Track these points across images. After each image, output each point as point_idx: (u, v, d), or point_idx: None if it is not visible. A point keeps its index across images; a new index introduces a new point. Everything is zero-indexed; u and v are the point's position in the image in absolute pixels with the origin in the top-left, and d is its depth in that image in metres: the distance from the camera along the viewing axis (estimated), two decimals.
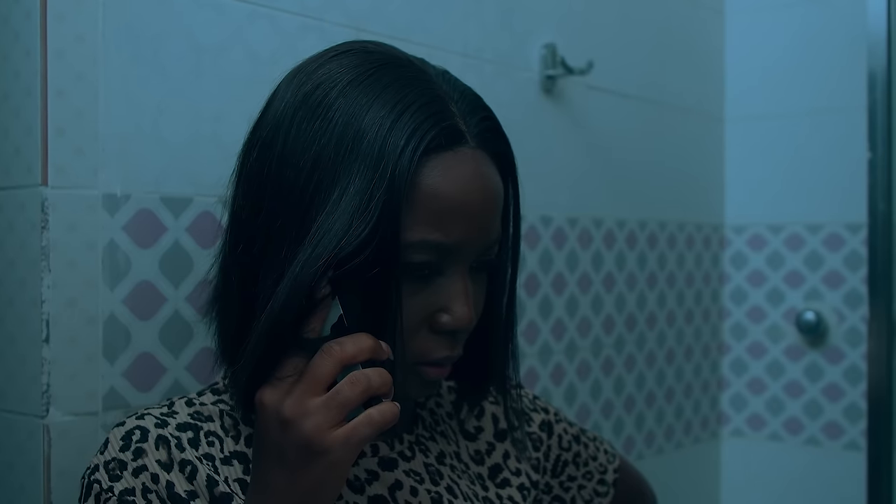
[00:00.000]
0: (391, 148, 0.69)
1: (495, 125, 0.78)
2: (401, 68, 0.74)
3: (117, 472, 0.73)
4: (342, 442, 0.65)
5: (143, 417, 0.76)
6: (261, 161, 0.74)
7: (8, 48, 0.91)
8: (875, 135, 1.40)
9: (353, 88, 0.72)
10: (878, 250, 1.41)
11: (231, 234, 0.77)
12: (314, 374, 0.67)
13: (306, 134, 0.71)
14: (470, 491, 0.87)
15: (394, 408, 0.67)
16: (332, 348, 0.67)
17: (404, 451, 0.85)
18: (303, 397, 0.66)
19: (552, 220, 1.50)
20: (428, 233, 0.71)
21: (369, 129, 0.70)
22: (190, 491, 0.73)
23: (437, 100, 0.72)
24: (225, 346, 0.79)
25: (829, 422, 1.82)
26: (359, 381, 0.66)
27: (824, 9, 1.82)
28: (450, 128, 0.72)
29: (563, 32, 1.50)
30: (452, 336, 0.76)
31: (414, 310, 0.73)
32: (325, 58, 0.76)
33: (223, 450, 0.77)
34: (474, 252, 0.75)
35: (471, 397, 0.89)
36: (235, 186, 0.78)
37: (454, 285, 0.74)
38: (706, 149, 1.91)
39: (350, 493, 0.79)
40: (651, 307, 1.74)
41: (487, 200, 0.74)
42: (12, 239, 0.91)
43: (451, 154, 0.72)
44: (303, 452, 0.66)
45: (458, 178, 0.72)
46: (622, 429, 1.68)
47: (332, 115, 0.71)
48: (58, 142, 0.89)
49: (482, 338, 0.83)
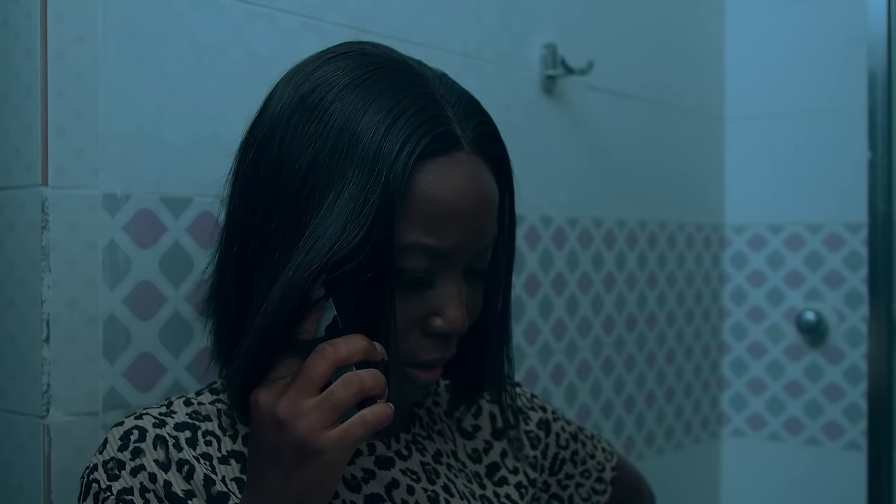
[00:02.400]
0: (386, 153, 0.69)
1: (492, 130, 0.77)
2: (398, 72, 0.74)
3: (115, 471, 0.73)
4: (336, 442, 0.66)
5: (141, 417, 0.77)
6: (257, 162, 0.74)
7: (8, 48, 0.91)
8: (875, 135, 1.40)
9: (350, 92, 0.72)
10: (878, 250, 1.41)
11: (227, 234, 0.78)
12: (308, 375, 0.67)
13: (302, 136, 0.71)
14: (467, 490, 0.87)
15: (387, 408, 0.68)
16: (326, 349, 0.67)
17: (401, 450, 0.85)
18: (297, 398, 0.67)
19: (552, 220, 1.50)
20: (422, 236, 0.71)
21: (365, 134, 0.70)
22: (187, 490, 0.74)
23: (433, 104, 0.72)
24: (220, 346, 0.80)
25: (829, 422, 1.82)
26: (352, 382, 0.67)
27: (824, 9, 1.82)
28: (445, 133, 0.72)
29: (563, 32, 1.50)
30: (445, 339, 0.76)
31: (407, 312, 0.74)
32: (323, 59, 0.76)
33: (221, 449, 0.77)
34: (469, 256, 0.75)
35: (466, 397, 0.89)
36: (232, 186, 0.78)
37: (447, 289, 0.74)
38: (706, 149, 1.91)
39: (347, 491, 0.79)
40: (651, 307, 1.74)
41: (482, 205, 0.74)
42: (12, 239, 0.91)
43: (447, 159, 0.72)
44: (297, 453, 0.66)
45: (452, 183, 0.72)
46: (622, 429, 1.68)
47: (328, 118, 0.71)
48: (58, 142, 0.89)
49: (478, 338, 0.83)
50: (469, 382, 0.87)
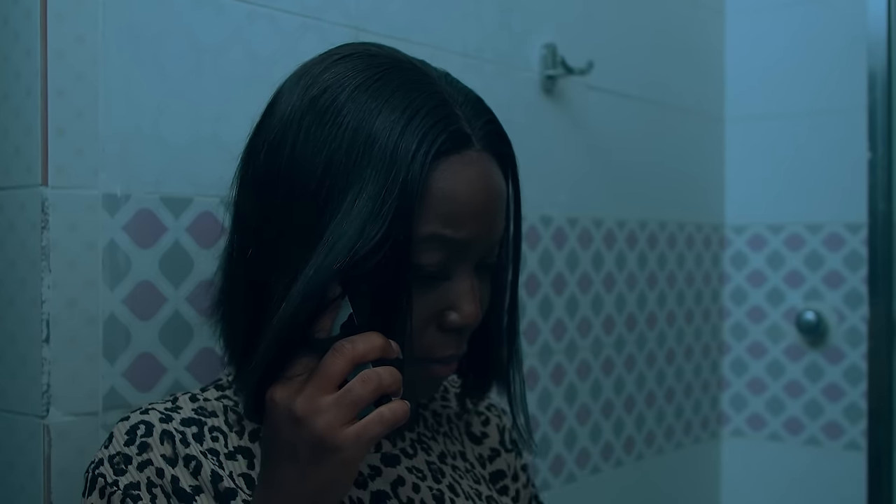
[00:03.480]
0: (403, 153, 0.70)
1: (498, 128, 0.79)
2: (406, 72, 0.75)
3: (122, 466, 0.73)
4: (353, 439, 0.66)
5: (147, 412, 0.76)
6: (268, 164, 0.74)
7: (8, 48, 0.91)
8: (875, 135, 1.40)
9: (362, 93, 0.72)
10: (878, 250, 1.41)
11: (237, 237, 0.77)
12: (326, 372, 0.67)
13: (316, 138, 0.72)
14: (472, 490, 0.87)
15: (404, 406, 0.68)
16: (344, 346, 0.68)
17: (406, 449, 0.85)
18: (314, 395, 0.67)
19: (552, 220, 1.50)
20: (439, 228, 0.72)
21: (380, 134, 0.70)
22: (195, 486, 0.74)
23: (443, 104, 0.73)
24: (234, 349, 0.80)
25: (829, 422, 1.82)
26: (370, 379, 0.67)
27: (824, 9, 1.82)
28: (457, 132, 0.73)
29: (563, 32, 1.50)
30: (458, 334, 0.77)
31: (423, 309, 0.74)
32: (330, 61, 0.76)
33: (227, 445, 0.77)
34: (481, 250, 0.76)
35: (474, 391, 0.90)
36: (239, 188, 0.78)
37: (462, 284, 0.75)
38: (706, 149, 1.91)
39: (353, 488, 0.80)
40: (651, 307, 1.74)
41: (492, 200, 0.75)
42: (12, 239, 0.91)
43: (459, 157, 0.73)
44: (315, 450, 0.66)
45: (465, 180, 0.73)
46: (622, 429, 1.68)
47: (342, 119, 0.71)
48: (58, 142, 0.89)
49: (485, 335, 0.84)
50: (477, 377, 0.88)
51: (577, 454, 1.57)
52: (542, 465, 1.49)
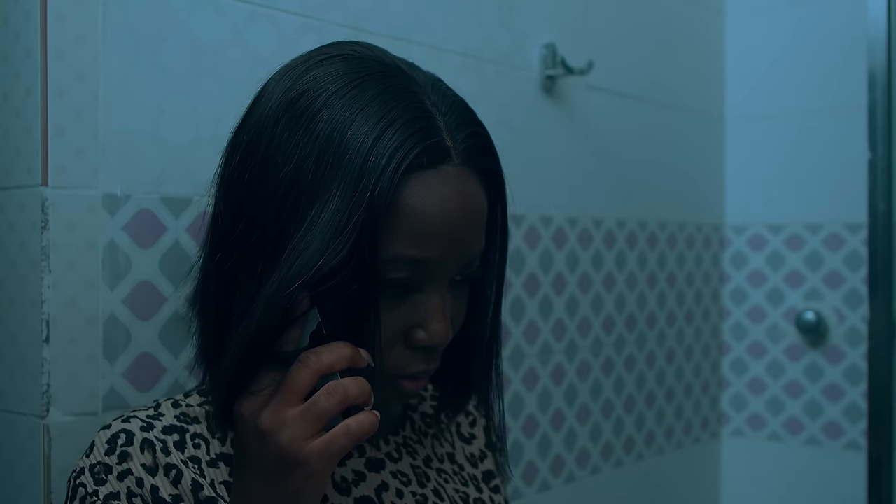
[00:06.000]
0: (372, 166, 0.67)
1: (483, 141, 0.75)
2: (389, 78, 0.72)
3: (102, 475, 0.73)
4: (318, 453, 0.65)
5: (128, 420, 0.76)
6: (242, 167, 0.72)
7: (8, 48, 0.91)
8: (875, 135, 1.40)
9: (338, 99, 0.70)
10: (878, 250, 1.41)
11: (211, 239, 0.76)
12: (291, 384, 0.66)
13: (288, 144, 0.69)
14: (457, 494, 0.87)
15: (372, 417, 0.67)
16: (309, 358, 0.67)
17: (391, 453, 0.85)
18: (280, 408, 0.66)
19: (552, 220, 1.50)
20: (405, 248, 0.69)
21: (351, 145, 0.67)
22: (175, 495, 0.73)
23: (423, 115, 0.70)
24: (203, 350, 0.78)
25: (829, 422, 1.82)
26: (335, 391, 0.66)
27: (824, 9, 1.82)
28: (434, 145, 0.70)
29: (563, 32, 1.51)
30: (428, 352, 0.75)
31: (390, 325, 0.72)
32: (313, 62, 0.74)
33: (209, 452, 0.76)
34: (454, 267, 0.73)
35: (450, 405, 0.88)
36: (217, 188, 0.76)
37: (430, 302, 0.72)
38: (706, 149, 1.91)
39: (336, 494, 0.79)
40: (651, 307, 1.74)
41: (468, 219, 0.72)
42: (12, 239, 0.91)
43: (434, 172, 0.70)
44: (280, 464, 0.65)
45: (439, 198, 0.70)
46: (622, 429, 1.68)
47: (315, 126, 0.69)
48: (58, 142, 0.89)
49: (465, 347, 0.82)
50: (455, 390, 0.87)
51: (577, 454, 1.57)
52: (542, 465, 1.49)
